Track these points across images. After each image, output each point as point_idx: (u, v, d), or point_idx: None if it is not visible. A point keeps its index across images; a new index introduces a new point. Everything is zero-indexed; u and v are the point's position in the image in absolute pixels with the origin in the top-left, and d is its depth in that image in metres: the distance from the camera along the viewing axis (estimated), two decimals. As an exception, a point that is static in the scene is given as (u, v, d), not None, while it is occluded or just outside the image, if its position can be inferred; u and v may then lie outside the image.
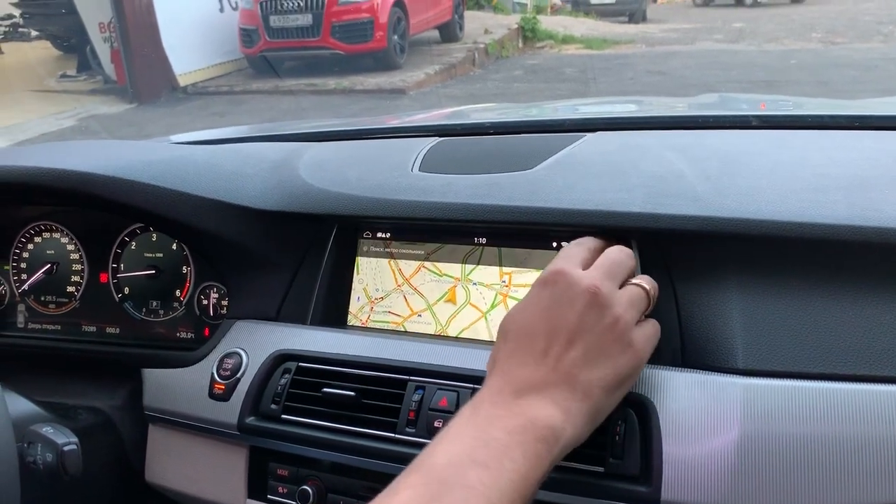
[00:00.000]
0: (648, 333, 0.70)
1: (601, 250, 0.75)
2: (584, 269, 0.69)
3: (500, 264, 0.91)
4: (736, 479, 0.69)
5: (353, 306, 0.98)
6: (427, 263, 0.95)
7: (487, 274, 0.91)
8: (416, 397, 0.82)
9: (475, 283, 0.92)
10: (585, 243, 0.76)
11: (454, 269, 0.93)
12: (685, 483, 0.70)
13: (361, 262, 0.98)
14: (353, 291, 0.98)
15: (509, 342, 0.67)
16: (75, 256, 1.16)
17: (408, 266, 0.96)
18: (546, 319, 0.66)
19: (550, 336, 0.65)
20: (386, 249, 0.97)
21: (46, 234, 1.17)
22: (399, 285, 0.96)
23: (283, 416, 0.88)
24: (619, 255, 0.73)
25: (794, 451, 0.68)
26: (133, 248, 1.13)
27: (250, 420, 0.89)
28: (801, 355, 0.73)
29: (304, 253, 1.00)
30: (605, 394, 0.64)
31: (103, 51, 9.39)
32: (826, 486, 0.67)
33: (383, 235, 0.98)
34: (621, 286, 0.70)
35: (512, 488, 0.57)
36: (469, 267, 0.92)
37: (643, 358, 0.68)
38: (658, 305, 0.80)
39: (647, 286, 0.71)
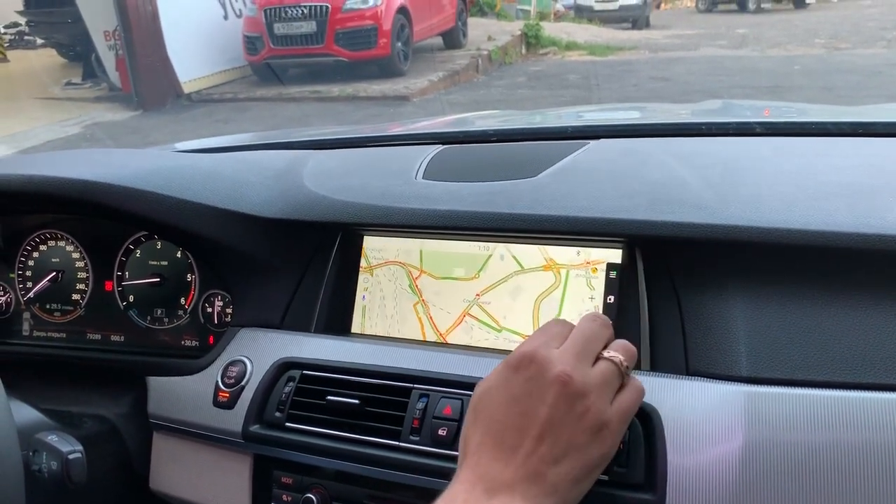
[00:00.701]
0: (624, 408, 0.67)
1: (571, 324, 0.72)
2: (558, 348, 0.68)
3: (510, 272, 0.91)
4: (740, 486, 0.69)
5: (357, 314, 0.98)
6: (430, 270, 0.95)
7: (497, 281, 0.91)
8: (420, 405, 0.82)
9: (486, 291, 0.92)
10: (563, 321, 0.73)
11: (465, 276, 0.93)
12: (690, 491, 0.70)
13: (365, 269, 0.98)
14: (356, 299, 0.98)
15: (479, 428, 0.66)
16: (80, 264, 1.16)
17: (417, 273, 0.96)
18: (516, 411, 0.65)
19: (520, 431, 0.64)
20: (396, 257, 0.97)
21: (52, 243, 1.18)
22: (409, 293, 0.96)
23: (287, 424, 0.88)
24: (592, 326, 0.71)
25: (798, 458, 0.68)
26: (138, 256, 1.13)
27: (254, 428, 0.90)
28: (804, 363, 0.73)
29: (308, 261, 1.01)
30: (574, 485, 0.64)
31: (108, 59, 9.43)
32: (830, 494, 0.67)
33: (387, 243, 0.98)
34: (596, 360, 0.68)
35: None
36: (479, 275, 0.92)
37: (615, 442, 0.67)
38: (661, 313, 0.80)
39: (620, 358, 0.68)
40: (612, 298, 0.86)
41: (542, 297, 0.89)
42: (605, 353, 0.69)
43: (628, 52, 11.51)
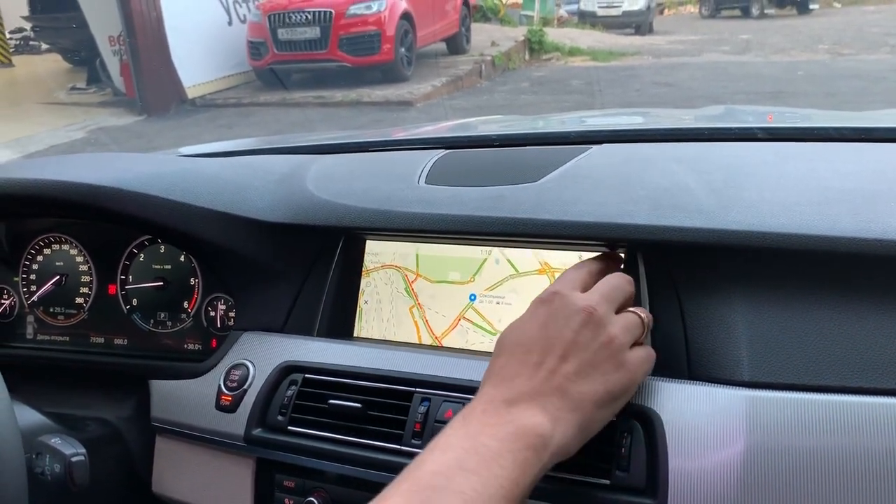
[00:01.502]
0: (642, 357, 0.70)
1: (602, 274, 0.76)
2: (582, 292, 0.71)
3: (505, 275, 0.91)
4: (742, 491, 0.69)
5: (360, 318, 0.98)
6: (426, 274, 0.95)
7: (493, 285, 0.92)
8: (423, 409, 0.82)
9: (481, 295, 0.92)
10: (587, 266, 0.77)
11: (460, 280, 0.94)
12: (691, 496, 0.70)
13: (367, 273, 0.99)
14: (359, 303, 0.99)
15: (503, 355, 0.68)
16: (84, 268, 1.16)
17: (413, 277, 0.96)
18: (542, 334, 0.67)
19: (545, 349, 0.66)
20: (392, 261, 0.98)
21: (55, 246, 1.18)
22: (405, 297, 0.96)
23: (290, 428, 0.88)
24: (619, 280, 0.74)
25: (800, 463, 0.68)
26: (141, 259, 1.13)
27: (257, 432, 0.90)
28: (806, 368, 0.73)
29: (311, 265, 1.01)
30: (596, 407, 0.65)
31: (113, 64, 9.46)
32: (832, 499, 0.67)
33: (390, 247, 0.98)
34: (618, 312, 0.71)
35: (501, 494, 0.58)
36: (475, 278, 0.93)
37: (635, 379, 0.69)
38: (663, 318, 0.80)
39: (642, 314, 0.72)
40: (614, 303, 0.85)
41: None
42: (630, 308, 0.72)
43: (631, 58, 11.52)
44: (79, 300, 1.16)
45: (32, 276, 1.19)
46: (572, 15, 17.30)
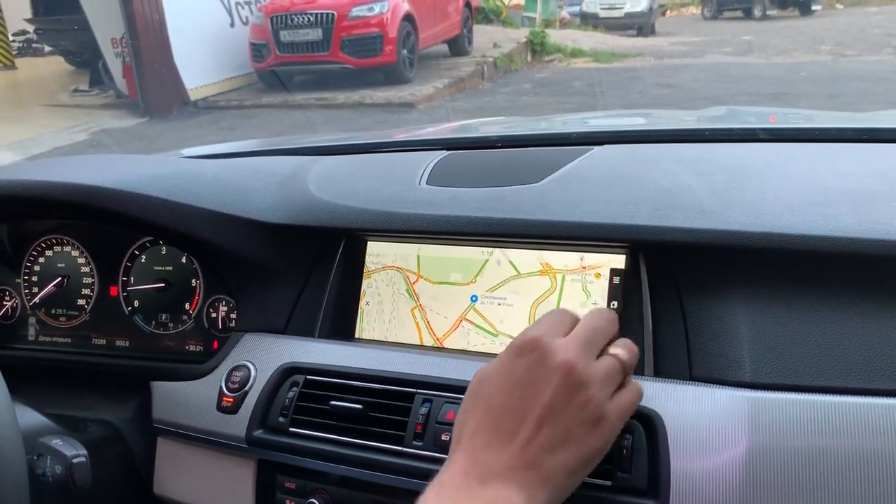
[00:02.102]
0: (623, 406, 0.67)
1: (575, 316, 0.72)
2: (562, 337, 0.67)
3: (507, 276, 0.91)
4: (744, 492, 0.68)
5: (361, 319, 0.98)
6: (427, 275, 0.95)
7: (494, 286, 0.92)
8: (424, 410, 0.82)
9: (482, 296, 0.92)
10: (562, 311, 0.73)
11: (462, 281, 0.93)
12: (693, 497, 0.69)
13: (369, 275, 0.99)
14: (360, 304, 0.99)
15: (478, 412, 0.65)
16: (86, 270, 1.17)
17: (415, 278, 0.96)
18: (517, 396, 0.64)
19: (520, 416, 0.63)
20: (393, 262, 0.98)
21: (57, 248, 1.18)
22: (406, 298, 0.96)
23: (291, 429, 0.88)
24: (600, 321, 0.70)
25: (803, 464, 0.68)
26: (143, 261, 1.14)
27: (258, 433, 0.90)
28: (808, 368, 0.73)
29: (313, 266, 1.01)
30: (569, 476, 0.64)
31: (115, 66, 9.48)
32: (834, 501, 0.66)
33: (391, 248, 0.98)
34: (600, 354, 0.68)
35: None
36: (476, 279, 0.93)
37: (615, 432, 0.66)
38: (665, 319, 0.80)
39: (624, 356, 0.68)
40: (615, 304, 0.86)
41: (538, 302, 0.89)
42: (610, 350, 0.69)
43: (633, 59, 11.51)
44: (80, 302, 1.16)
45: (34, 278, 1.19)
46: (574, 16, 17.32)
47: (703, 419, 0.72)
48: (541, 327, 0.69)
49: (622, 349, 0.69)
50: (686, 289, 0.81)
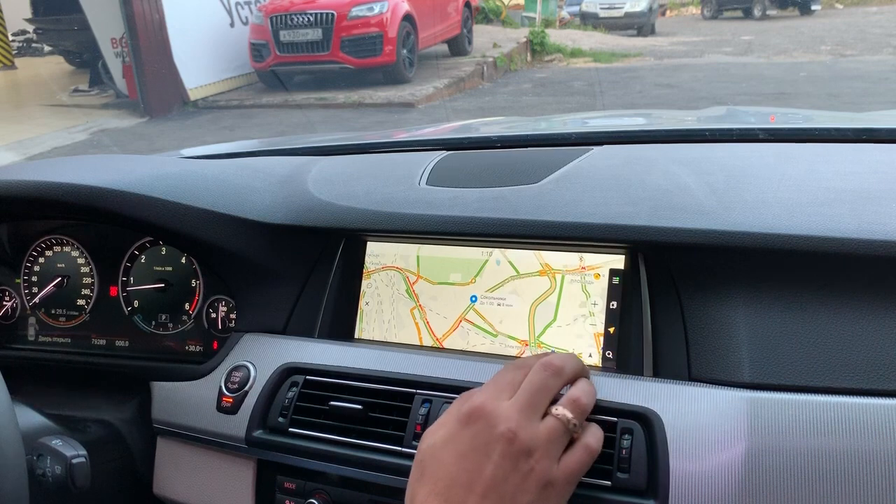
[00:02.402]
0: (571, 468, 0.67)
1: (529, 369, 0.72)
2: (507, 401, 0.68)
3: (506, 276, 0.91)
4: (743, 492, 0.68)
5: (361, 319, 0.98)
6: (427, 276, 0.95)
7: (493, 286, 0.92)
8: (423, 411, 0.82)
9: (482, 296, 0.92)
10: (519, 366, 0.73)
11: (461, 281, 0.94)
12: (692, 497, 0.69)
13: (368, 275, 0.99)
14: (360, 304, 0.99)
15: (426, 484, 0.66)
16: (86, 270, 1.17)
17: (414, 279, 0.96)
18: (463, 468, 0.65)
19: (466, 488, 0.64)
20: (393, 262, 0.98)
21: (57, 248, 1.18)
22: (406, 298, 0.96)
23: (291, 430, 0.88)
24: (543, 377, 0.70)
25: (802, 465, 0.68)
26: (143, 261, 1.14)
27: (258, 433, 0.90)
28: (807, 369, 0.73)
29: (312, 266, 1.01)
30: None
31: (115, 66, 9.48)
32: (833, 501, 0.67)
33: (391, 248, 0.98)
34: (546, 413, 0.68)
35: None
36: (476, 279, 0.93)
37: (564, 495, 0.67)
38: (664, 319, 0.80)
39: (568, 416, 0.68)
40: (615, 304, 0.86)
41: (537, 302, 0.89)
42: (554, 410, 0.68)
43: (633, 59, 11.52)
44: (80, 302, 1.16)
45: (34, 278, 1.19)
46: (574, 16, 17.31)
47: (702, 419, 0.72)
48: (485, 393, 0.69)
49: (567, 407, 0.69)
50: (685, 289, 0.81)
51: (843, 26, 14.13)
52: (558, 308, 0.88)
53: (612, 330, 0.85)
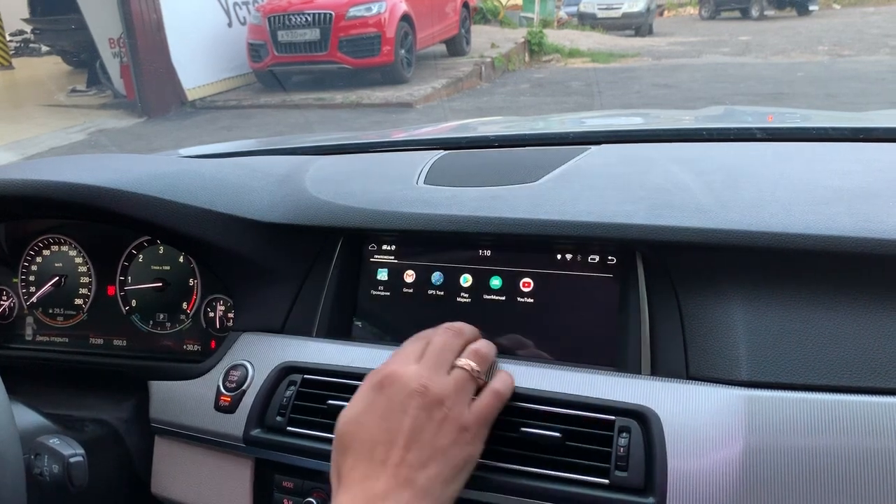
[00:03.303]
0: (481, 411, 0.73)
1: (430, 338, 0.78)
2: (416, 364, 0.73)
3: (504, 276, 0.91)
4: (741, 490, 0.69)
5: (359, 318, 0.98)
6: (432, 275, 0.95)
7: (491, 285, 0.92)
8: (421, 409, 0.82)
9: (480, 295, 0.92)
10: (421, 337, 0.79)
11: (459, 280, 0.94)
12: (690, 495, 0.70)
13: (366, 274, 0.99)
14: (358, 303, 0.99)
15: (350, 455, 0.70)
16: (83, 269, 1.16)
17: (413, 278, 0.96)
18: (384, 427, 0.70)
19: (388, 443, 0.69)
20: (391, 261, 0.98)
21: (55, 247, 1.18)
22: (404, 297, 0.96)
23: (289, 429, 0.88)
24: (445, 338, 0.77)
25: (799, 462, 0.68)
26: (140, 260, 1.13)
27: (256, 432, 0.90)
28: (805, 367, 0.73)
29: (310, 265, 1.01)
30: (444, 486, 0.69)
31: (113, 66, 9.47)
32: (831, 498, 0.67)
33: (388, 248, 0.98)
34: (452, 368, 0.74)
35: None
36: (473, 278, 0.93)
37: (480, 437, 0.73)
38: (661, 318, 0.80)
39: (471, 366, 0.75)
40: (612, 303, 0.86)
41: (538, 301, 0.89)
42: (458, 362, 0.75)
43: (631, 60, 11.53)
44: (78, 301, 1.16)
45: (31, 278, 1.19)
46: (572, 17, 17.33)
47: (699, 418, 0.72)
48: (394, 361, 0.75)
49: (470, 358, 0.76)
50: (683, 287, 0.81)
51: (840, 27, 14.15)
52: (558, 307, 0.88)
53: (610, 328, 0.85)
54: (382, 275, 0.98)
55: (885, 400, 0.69)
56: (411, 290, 0.95)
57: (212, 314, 1.09)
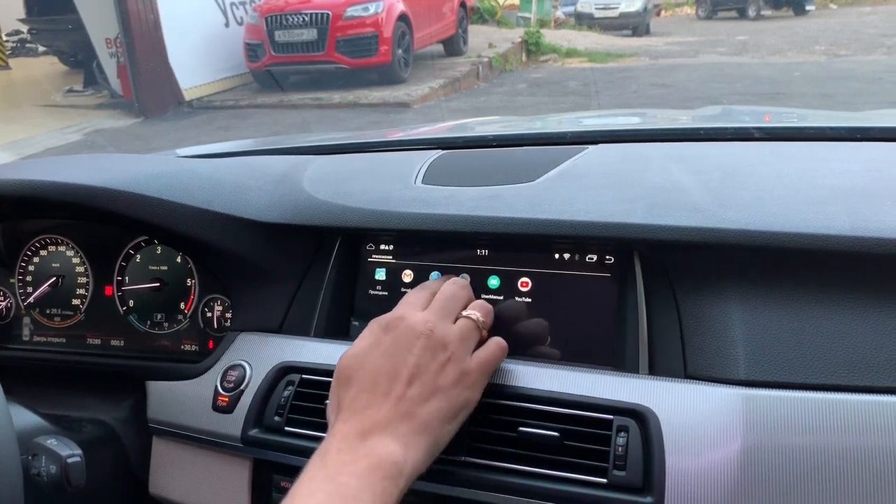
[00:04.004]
0: (483, 359, 0.76)
1: (435, 288, 0.82)
2: (422, 311, 0.77)
3: (502, 276, 0.91)
4: (739, 489, 0.69)
5: (357, 318, 0.98)
6: (430, 275, 0.95)
7: (489, 285, 0.92)
8: (419, 409, 0.82)
9: (478, 294, 0.92)
10: (427, 287, 0.83)
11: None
12: (688, 494, 0.70)
13: (364, 273, 0.99)
14: (356, 303, 0.99)
15: (353, 387, 0.73)
16: (80, 269, 1.16)
17: (411, 278, 0.96)
18: (388, 362, 0.73)
19: (392, 377, 0.71)
20: (389, 261, 0.98)
21: (52, 248, 1.18)
22: (398, 297, 0.96)
23: (287, 429, 0.88)
24: (452, 288, 0.81)
25: (797, 462, 0.68)
26: (138, 260, 1.13)
27: (254, 432, 0.90)
28: (803, 366, 0.73)
29: (308, 265, 1.01)
30: (443, 423, 0.71)
31: (110, 66, 9.47)
32: (829, 498, 0.67)
33: (386, 247, 0.98)
34: (457, 319, 0.77)
35: None
36: (471, 278, 0.93)
37: (479, 383, 0.75)
38: (659, 317, 0.80)
39: (477, 316, 0.78)
40: (610, 302, 0.86)
41: (536, 300, 0.89)
42: (464, 312, 0.78)
43: (628, 59, 11.54)
44: (75, 301, 1.16)
45: (28, 278, 1.19)
46: (569, 16, 17.34)
47: (697, 417, 0.72)
48: (401, 307, 0.79)
49: (475, 310, 0.79)
50: (681, 287, 0.81)
51: (837, 26, 14.18)
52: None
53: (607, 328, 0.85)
54: (380, 274, 0.98)
55: (883, 399, 0.69)
56: (409, 290, 0.95)
57: (209, 314, 1.09)
